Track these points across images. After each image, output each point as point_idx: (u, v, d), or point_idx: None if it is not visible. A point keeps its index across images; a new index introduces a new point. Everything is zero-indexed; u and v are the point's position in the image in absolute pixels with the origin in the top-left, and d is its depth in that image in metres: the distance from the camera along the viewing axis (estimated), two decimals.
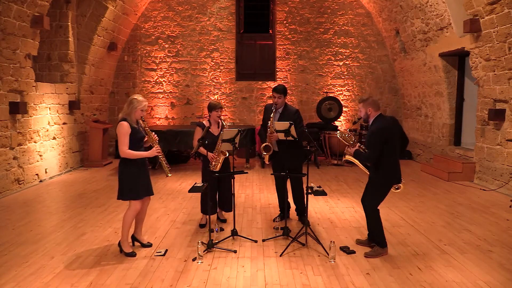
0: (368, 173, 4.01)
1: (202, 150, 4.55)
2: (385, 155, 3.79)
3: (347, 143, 4.06)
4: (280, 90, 4.66)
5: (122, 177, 3.86)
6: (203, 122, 4.77)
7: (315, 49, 10.70)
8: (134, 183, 3.85)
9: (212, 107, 4.64)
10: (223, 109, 4.78)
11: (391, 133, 3.81)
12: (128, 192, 3.84)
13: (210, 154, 4.52)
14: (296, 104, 10.58)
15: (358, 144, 4.00)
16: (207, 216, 4.29)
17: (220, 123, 4.70)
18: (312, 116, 10.49)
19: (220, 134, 4.48)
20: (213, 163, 4.51)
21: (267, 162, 4.81)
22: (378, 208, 3.92)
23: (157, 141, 3.93)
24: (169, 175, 3.99)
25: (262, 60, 10.80)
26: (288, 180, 4.86)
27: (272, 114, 4.66)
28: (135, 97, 3.84)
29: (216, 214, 4.94)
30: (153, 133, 3.98)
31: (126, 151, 3.77)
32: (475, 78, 7.10)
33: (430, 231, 4.62)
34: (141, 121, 3.91)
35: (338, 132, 4.18)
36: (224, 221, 4.97)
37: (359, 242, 4.23)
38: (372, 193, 3.93)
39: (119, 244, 3.97)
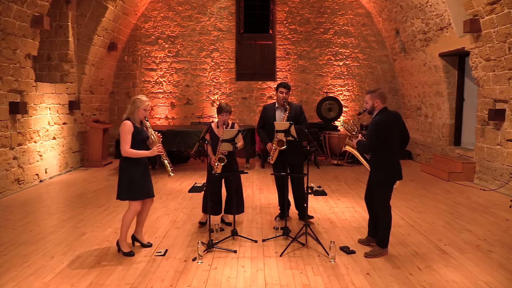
0: (368, 167, 4.01)
1: (210, 152, 4.57)
2: (385, 152, 3.78)
3: (350, 134, 4.06)
4: (288, 86, 4.83)
5: (123, 176, 3.84)
6: (212, 125, 4.74)
7: (315, 49, 10.70)
8: (134, 183, 3.83)
9: (218, 110, 4.61)
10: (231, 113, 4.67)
11: (392, 128, 3.79)
12: (127, 192, 3.82)
13: (212, 159, 4.52)
14: None
15: (360, 134, 3.99)
16: (208, 215, 4.27)
17: (227, 127, 4.53)
18: (312, 116, 10.48)
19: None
20: (215, 166, 4.50)
21: (271, 162, 4.75)
22: (390, 204, 3.90)
23: (160, 140, 3.90)
24: (171, 174, 3.93)
25: (262, 60, 10.80)
26: (289, 179, 4.87)
27: (280, 111, 4.80)
28: (138, 97, 3.85)
29: (219, 215, 4.88)
30: (157, 132, 3.97)
31: (127, 150, 3.76)
32: (475, 78, 7.10)
33: (430, 231, 4.62)
34: (145, 121, 3.91)
35: (343, 122, 4.18)
36: (229, 224, 4.79)
37: (361, 241, 4.23)
38: (378, 194, 3.89)
39: (117, 243, 3.98)
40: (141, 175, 3.89)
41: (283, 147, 4.52)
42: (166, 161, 3.94)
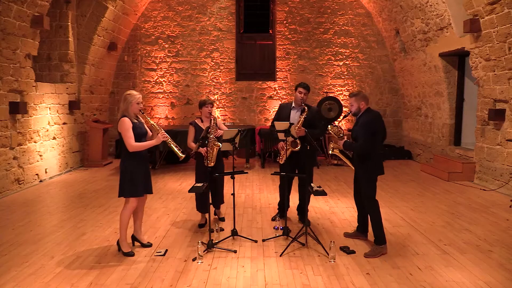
0: (353, 167, 4.15)
1: (196, 147, 4.58)
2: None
3: (337, 136, 4.17)
4: (308, 87, 4.83)
5: (125, 174, 3.86)
6: (195, 121, 4.80)
7: (315, 49, 10.70)
8: (135, 180, 3.85)
9: (202, 103, 4.69)
10: (214, 106, 4.73)
11: (378, 126, 3.97)
12: (129, 189, 3.84)
13: (203, 149, 4.50)
14: None
15: (346, 137, 4.15)
16: (206, 215, 4.28)
17: (212, 120, 4.58)
18: None
19: (210, 127, 4.47)
20: (207, 157, 4.46)
21: (281, 162, 4.68)
22: (377, 199, 3.99)
23: (161, 128, 3.92)
24: (182, 155, 4.00)
25: (262, 60, 10.79)
26: (294, 180, 4.92)
27: (295, 111, 4.77)
28: (128, 93, 3.87)
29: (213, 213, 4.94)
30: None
31: (133, 144, 3.78)
32: (475, 78, 7.10)
33: (430, 231, 4.62)
34: (140, 115, 3.91)
35: (329, 126, 4.23)
36: (223, 219, 4.98)
37: (347, 235, 4.34)
38: (365, 189, 4.00)
39: (117, 243, 3.98)
40: (142, 171, 3.92)
41: (296, 148, 4.52)
42: (173, 145, 3.99)
